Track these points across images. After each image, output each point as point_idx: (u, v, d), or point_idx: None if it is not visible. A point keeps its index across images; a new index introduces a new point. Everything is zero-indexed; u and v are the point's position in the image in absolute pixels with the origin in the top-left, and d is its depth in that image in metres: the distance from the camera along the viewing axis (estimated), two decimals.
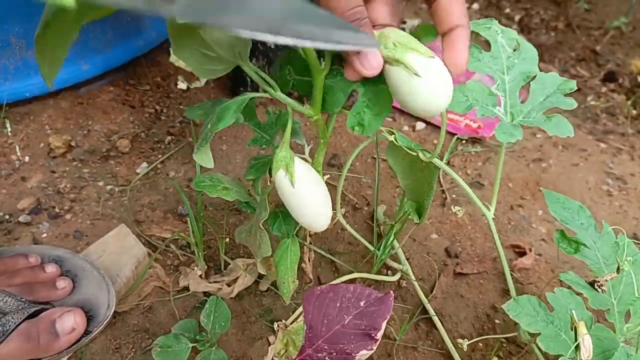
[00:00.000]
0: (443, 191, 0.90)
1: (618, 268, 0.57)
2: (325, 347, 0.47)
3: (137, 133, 0.88)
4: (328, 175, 0.62)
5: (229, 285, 0.73)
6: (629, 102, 1.25)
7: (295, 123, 0.64)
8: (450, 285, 0.76)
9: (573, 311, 0.51)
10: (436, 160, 0.57)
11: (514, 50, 0.58)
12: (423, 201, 0.67)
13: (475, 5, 1.62)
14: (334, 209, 0.63)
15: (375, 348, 0.47)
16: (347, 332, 0.47)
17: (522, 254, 0.81)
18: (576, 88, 0.58)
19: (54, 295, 0.62)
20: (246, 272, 0.74)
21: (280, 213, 0.63)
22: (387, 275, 0.75)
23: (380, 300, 0.48)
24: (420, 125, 1.02)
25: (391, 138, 0.57)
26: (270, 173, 0.54)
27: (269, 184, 0.58)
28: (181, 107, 0.94)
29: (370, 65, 0.41)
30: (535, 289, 0.76)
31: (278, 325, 0.61)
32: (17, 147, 0.82)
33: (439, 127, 1.03)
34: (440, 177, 0.92)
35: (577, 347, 0.52)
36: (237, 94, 0.51)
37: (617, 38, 1.60)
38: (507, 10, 1.63)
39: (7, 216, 0.73)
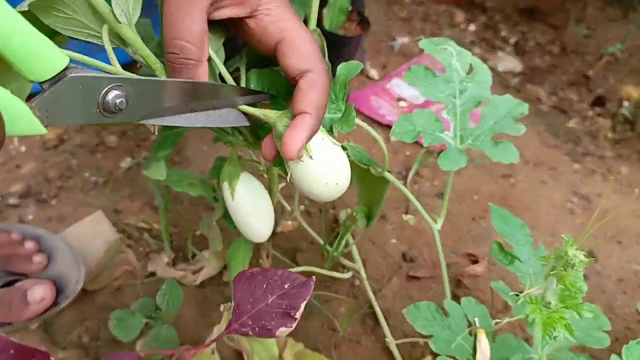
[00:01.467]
0: (407, 199, 0.95)
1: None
2: (250, 322, 0.52)
3: (125, 131, 0.96)
4: (283, 184, 0.68)
5: (193, 273, 0.79)
6: (609, 126, 1.29)
7: None
8: (402, 287, 0.81)
9: (476, 318, 0.55)
10: (387, 175, 0.61)
11: (468, 73, 0.60)
12: (373, 208, 0.72)
13: (472, 27, 1.67)
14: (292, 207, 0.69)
15: (294, 326, 0.52)
16: (270, 310, 0.52)
17: (476, 262, 0.86)
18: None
19: (29, 268, 0.68)
20: (211, 263, 0.80)
21: None
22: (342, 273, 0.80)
23: (303, 284, 0.53)
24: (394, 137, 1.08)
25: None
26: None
27: None
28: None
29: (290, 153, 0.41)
30: (481, 295, 0.80)
31: (224, 307, 0.67)
32: (15, 138, 0.90)
33: None
34: (408, 185, 0.97)
35: (475, 352, 0.56)
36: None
37: (611, 64, 1.63)
38: (503, 33, 1.68)
39: None
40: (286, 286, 0.53)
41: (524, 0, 1.90)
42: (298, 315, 0.52)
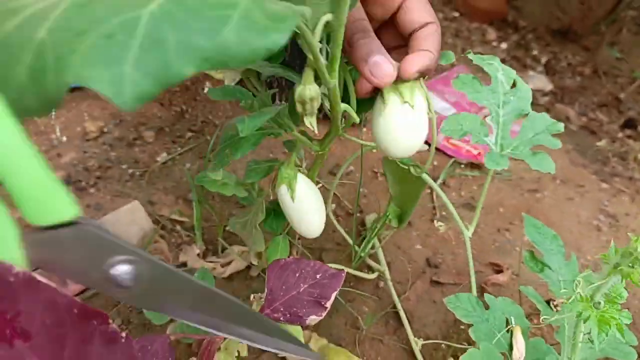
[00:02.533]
0: (434, 207, 0.96)
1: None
2: (281, 309, 0.54)
3: (162, 127, 0.99)
4: (321, 185, 0.70)
5: (222, 266, 0.81)
6: (639, 148, 1.28)
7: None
8: (425, 291, 0.82)
9: (512, 317, 0.56)
10: (425, 177, 0.63)
11: (511, 87, 0.64)
12: (407, 209, 0.73)
13: (504, 45, 1.68)
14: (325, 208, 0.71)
15: (323, 315, 0.54)
16: (301, 298, 0.54)
17: (500, 272, 0.86)
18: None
19: None
20: (240, 257, 0.82)
21: (273, 211, 0.70)
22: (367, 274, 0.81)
23: (334, 275, 0.55)
24: (423, 147, 1.09)
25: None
26: (273, 184, 0.62)
27: (268, 188, 0.66)
28: (205, 109, 1.05)
29: (382, 74, 0.43)
30: None
31: (254, 297, 0.69)
32: (58, 128, 0.94)
33: (441, 150, 1.09)
34: (434, 194, 0.99)
35: (511, 348, 0.57)
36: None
37: None
38: (535, 52, 1.69)
39: None
40: (318, 276, 0.55)
41: (557, 21, 1.91)
42: (328, 304, 0.54)
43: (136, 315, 0.73)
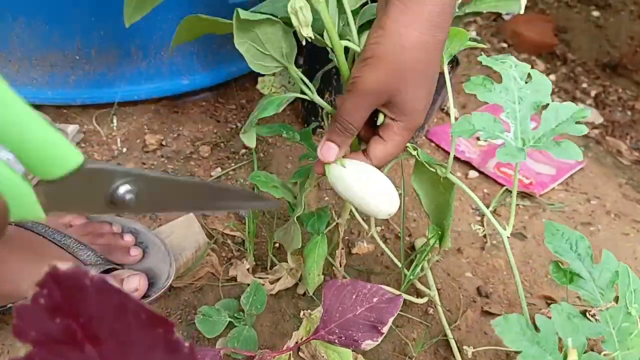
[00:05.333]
0: (485, 236, 0.95)
1: (617, 297, 0.58)
2: (337, 330, 0.54)
3: (218, 143, 1.01)
4: None
5: (271, 282, 0.81)
6: None
7: None
8: (476, 321, 0.80)
9: (569, 339, 0.54)
10: (451, 177, 0.63)
11: (526, 82, 0.61)
12: (444, 225, 0.73)
13: (552, 77, 1.66)
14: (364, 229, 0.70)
15: (379, 340, 0.53)
16: (358, 321, 0.54)
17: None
18: None
19: (126, 259, 0.73)
20: (289, 274, 0.82)
21: (316, 213, 0.71)
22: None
23: (391, 300, 0.55)
24: (472, 174, 1.08)
25: (414, 153, 0.64)
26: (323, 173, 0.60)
27: (308, 186, 0.67)
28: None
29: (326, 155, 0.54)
30: None
31: (303, 314, 0.69)
32: (119, 140, 0.97)
33: (490, 177, 1.08)
34: (484, 221, 0.97)
35: None
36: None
37: None
38: (584, 85, 1.66)
39: None
40: (375, 300, 0.55)
41: (607, 55, 1.88)
42: (385, 329, 0.53)
43: (186, 328, 0.73)
